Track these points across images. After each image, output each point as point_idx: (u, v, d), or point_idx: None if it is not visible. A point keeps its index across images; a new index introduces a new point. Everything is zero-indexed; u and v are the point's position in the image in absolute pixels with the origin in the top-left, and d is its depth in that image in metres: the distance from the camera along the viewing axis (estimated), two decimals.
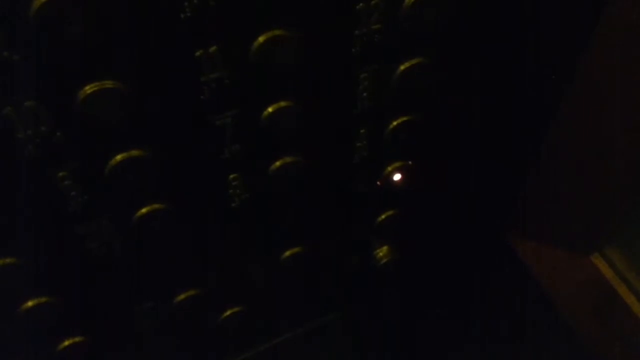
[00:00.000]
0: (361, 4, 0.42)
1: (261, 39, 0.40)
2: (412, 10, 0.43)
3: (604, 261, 0.70)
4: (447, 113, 0.56)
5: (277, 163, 0.50)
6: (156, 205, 0.46)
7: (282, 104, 0.45)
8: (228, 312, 0.62)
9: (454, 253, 0.74)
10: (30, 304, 0.47)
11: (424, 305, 0.80)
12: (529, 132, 0.63)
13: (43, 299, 0.47)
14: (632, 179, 0.63)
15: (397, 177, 0.59)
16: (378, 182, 0.59)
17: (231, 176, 0.48)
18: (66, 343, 0.53)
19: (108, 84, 0.37)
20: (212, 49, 0.39)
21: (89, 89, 0.37)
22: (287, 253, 0.60)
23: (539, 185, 0.69)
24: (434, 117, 0.54)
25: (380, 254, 0.69)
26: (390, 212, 0.64)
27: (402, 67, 0.48)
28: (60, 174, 0.40)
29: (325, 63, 0.45)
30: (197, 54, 0.38)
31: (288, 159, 0.50)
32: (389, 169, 0.58)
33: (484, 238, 0.74)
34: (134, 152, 0.41)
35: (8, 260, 0.43)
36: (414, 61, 0.48)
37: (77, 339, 0.53)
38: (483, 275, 0.77)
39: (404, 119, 0.53)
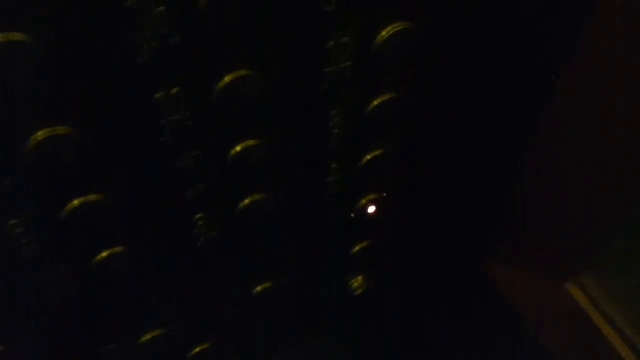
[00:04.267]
0: (332, 42, 0.40)
1: (227, 79, 0.38)
2: (383, 48, 0.42)
3: (579, 289, 0.70)
4: (421, 145, 0.55)
5: (246, 201, 0.48)
6: (117, 249, 0.44)
7: (250, 142, 0.43)
8: (197, 349, 0.60)
9: (429, 280, 0.73)
10: None
11: (399, 331, 0.79)
12: (506, 159, 0.63)
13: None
14: (608, 208, 0.62)
15: (371, 209, 0.58)
16: (352, 215, 0.58)
17: (197, 216, 0.46)
18: None
19: (60, 129, 0.34)
20: (174, 90, 0.37)
21: (41, 134, 0.34)
22: (258, 288, 0.58)
23: (516, 212, 0.69)
24: (407, 149, 0.53)
25: (356, 284, 0.68)
26: (364, 244, 0.62)
27: (374, 103, 0.46)
28: (12, 222, 0.38)
29: (294, 101, 0.43)
30: (158, 96, 0.36)
31: (257, 197, 0.48)
32: (363, 201, 0.57)
33: (459, 265, 0.73)
34: (92, 197, 0.39)
35: None
36: (385, 97, 0.46)
37: None
38: (458, 302, 0.76)
39: (377, 153, 0.51)
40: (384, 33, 0.41)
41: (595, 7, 0.48)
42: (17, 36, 0.30)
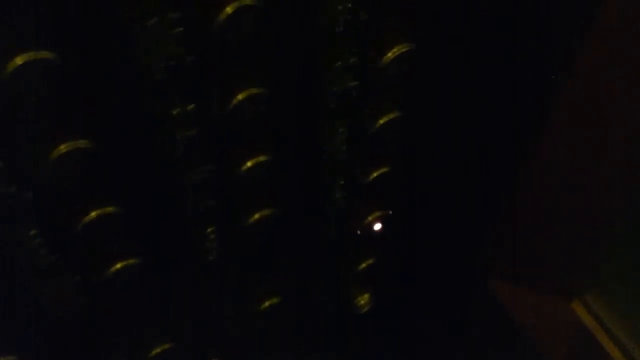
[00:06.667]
0: (339, 63, 0.42)
1: (240, 96, 0.40)
2: (388, 68, 0.44)
3: (584, 307, 0.70)
4: (425, 162, 0.56)
5: (256, 215, 0.49)
6: (131, 260, 0.45)
7: (261, 158, 0.45)
8: None
9: (433, 297, 0.73)
10: None
11: (402, 347, 0.79)
12: (510, 175, 0.64)
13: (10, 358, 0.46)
14: (613, 226, 0.63)
15: (377, 226, 0.59)
16: (358, 232, 0.59)
17: (207, 230, 0.48)
18: None
19: (82, 143, 0.36)
20: (190, 107, 0.38)
21: (63, 148, 0.36)
22: (266, 303, 0.59)
23: (520, 229, 0.69)
24: (412, 167, 0.55)
25: (362, 301, 0.68)
26: (370, 261, 0.63)
27: (380, 121, 0.48)
28: (31, 232, 0.39)
29: (303, 118, 0.45)
30: (174, 112, 0.38)
31: (266, 212, 0.49)
32: (369, 218, 0.58)
33: (463, 282, 0.74)
34: (108, 209, 0.41)
35: None
36: (391, 115, 0.48)
37: None
38: (462, 320, 0.76)
39: (383, 170, 0.53)
40: (389, 54, 0.43)
41: (595, 7, 0.49)
42: (45, 54, 0.32)
